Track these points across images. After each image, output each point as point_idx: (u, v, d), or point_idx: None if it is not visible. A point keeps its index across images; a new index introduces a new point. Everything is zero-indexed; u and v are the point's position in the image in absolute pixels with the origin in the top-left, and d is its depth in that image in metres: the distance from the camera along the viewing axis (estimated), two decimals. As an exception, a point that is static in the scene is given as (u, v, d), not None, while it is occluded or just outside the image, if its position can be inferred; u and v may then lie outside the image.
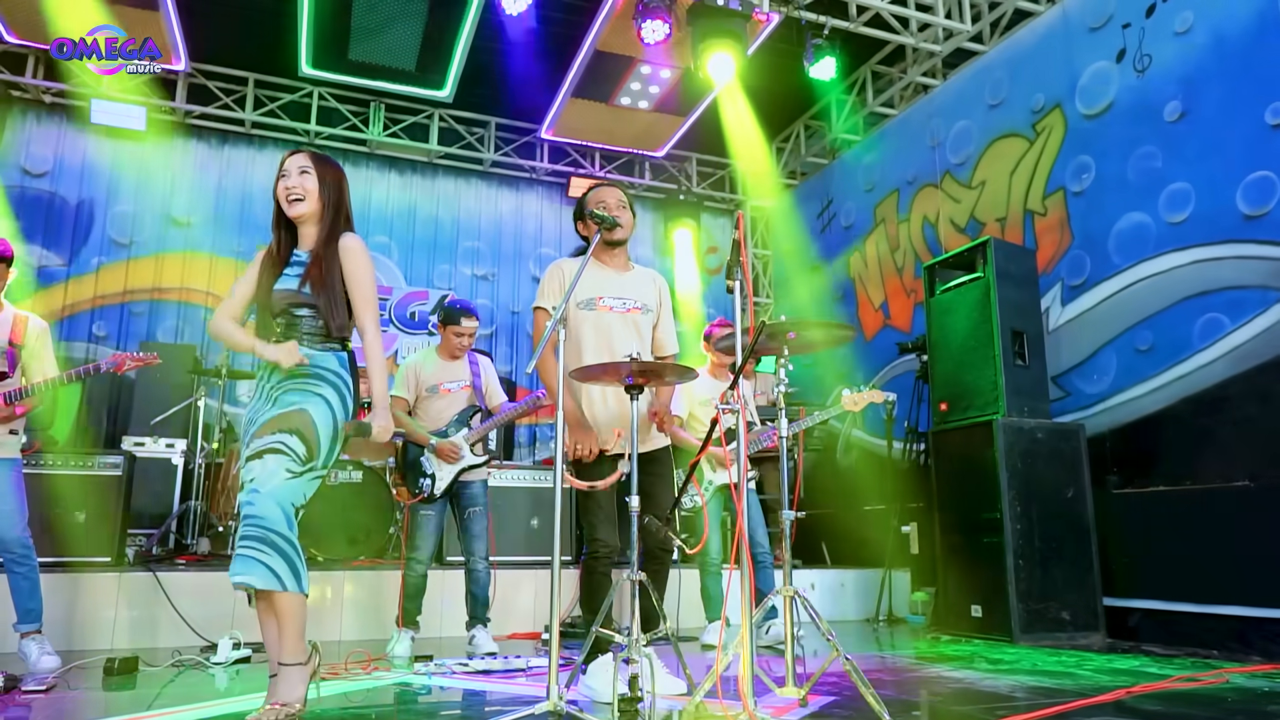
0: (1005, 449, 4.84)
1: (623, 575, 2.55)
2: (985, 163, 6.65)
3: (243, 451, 2.56)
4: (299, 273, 2.62)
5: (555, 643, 2.36)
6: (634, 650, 2.41)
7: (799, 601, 2.56)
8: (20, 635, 3.67)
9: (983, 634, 4.81)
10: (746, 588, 2.31)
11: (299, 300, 2.60)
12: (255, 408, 2.61)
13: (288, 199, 2.62)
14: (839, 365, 8.24)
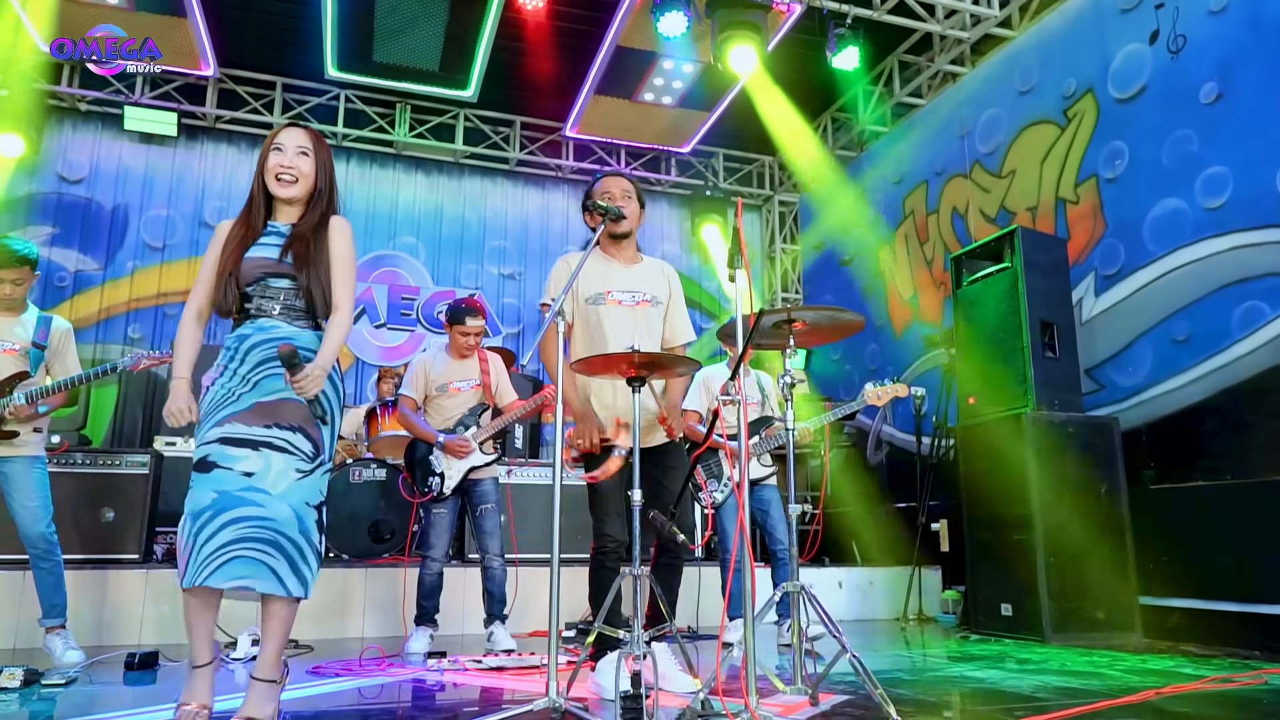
0: (1035, 443, 4.71)
1: (625, 571, 2.50)
2: (1015, 151, 6.49)
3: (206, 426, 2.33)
4: (278, 243, 2.46)
5: (554, 640, 2.33)
6: (637, 647, 2.36)
7: (805, 598, 2.49)
8: (45, 630, 3.73)
9: (1013, 633, 4.69)
10: (748, 584, 2.25)
11: (279, 270, 2.44)
12: (230, 385, 2.37)
13: (278, 177, 2.45)
14: (868, 361, 8.13)
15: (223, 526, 2.22)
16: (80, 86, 7.71)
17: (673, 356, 2.49)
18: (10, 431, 3.65)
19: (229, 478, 2.26)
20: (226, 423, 2.31)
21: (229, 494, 2.24)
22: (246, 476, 2.27)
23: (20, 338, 3.79)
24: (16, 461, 3.67)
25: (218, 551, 2.20)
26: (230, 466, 2.27)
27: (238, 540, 2.22)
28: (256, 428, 2.32)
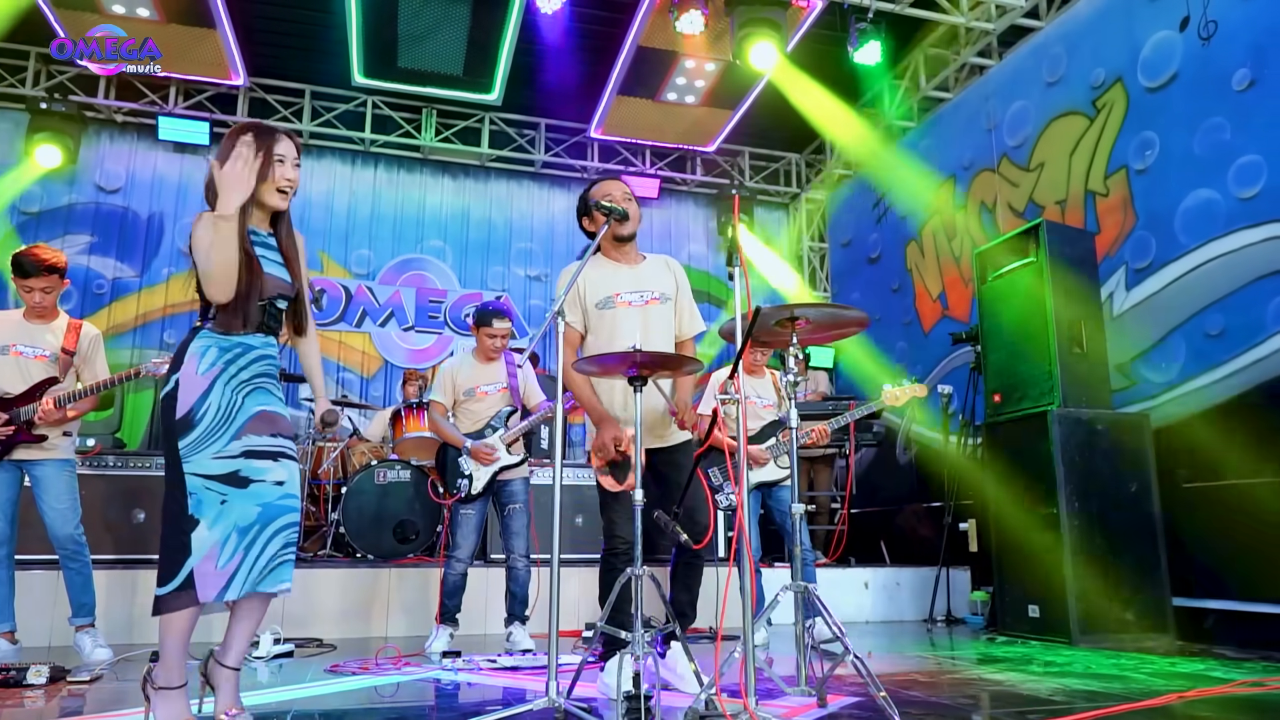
0: (1061, 441, 4.61)
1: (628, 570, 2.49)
2: (1044, 143, 6.36)
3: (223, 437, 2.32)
4: (279, 260, 2.49)
5: (554, 639, 2.33)
6: (638, 647, 2.35)
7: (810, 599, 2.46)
8: (75, 628, 3.83)
9: (1041, 635, 4.59)
10: (747, 586, 2.23)
11: (286, 291, 2.50)
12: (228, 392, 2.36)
13: (280, 190, 2.43)
14: (896, 359, 8.04)
15: (273, 536, 2.34)
16: (116, 99, 7.90)
17: (676, 356, 2.47)
18: (39, 435, 3.75)
19: (265, 489, 2.34)
20: (243, 435, 2.35)
21: (271, 505, 2.34)
22: (279, 485, 2.37)
23: (51, 344, 3.89)
24: (47, 465, 3.77)
25: (271, 561, 2.33)
26: (263, 479, 2.35)
27: (286, 546, 2.37)
28: (265, 437, 2.38)
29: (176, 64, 7.48)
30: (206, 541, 2.25)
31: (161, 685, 2.29)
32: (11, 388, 3.77)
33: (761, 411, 4.75)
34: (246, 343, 2.41)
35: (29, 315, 3.91)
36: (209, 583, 2.23)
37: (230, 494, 2.30)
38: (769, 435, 4.69)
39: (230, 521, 2.28)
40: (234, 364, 2.38)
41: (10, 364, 3.81)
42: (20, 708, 2.82)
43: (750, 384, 4.78)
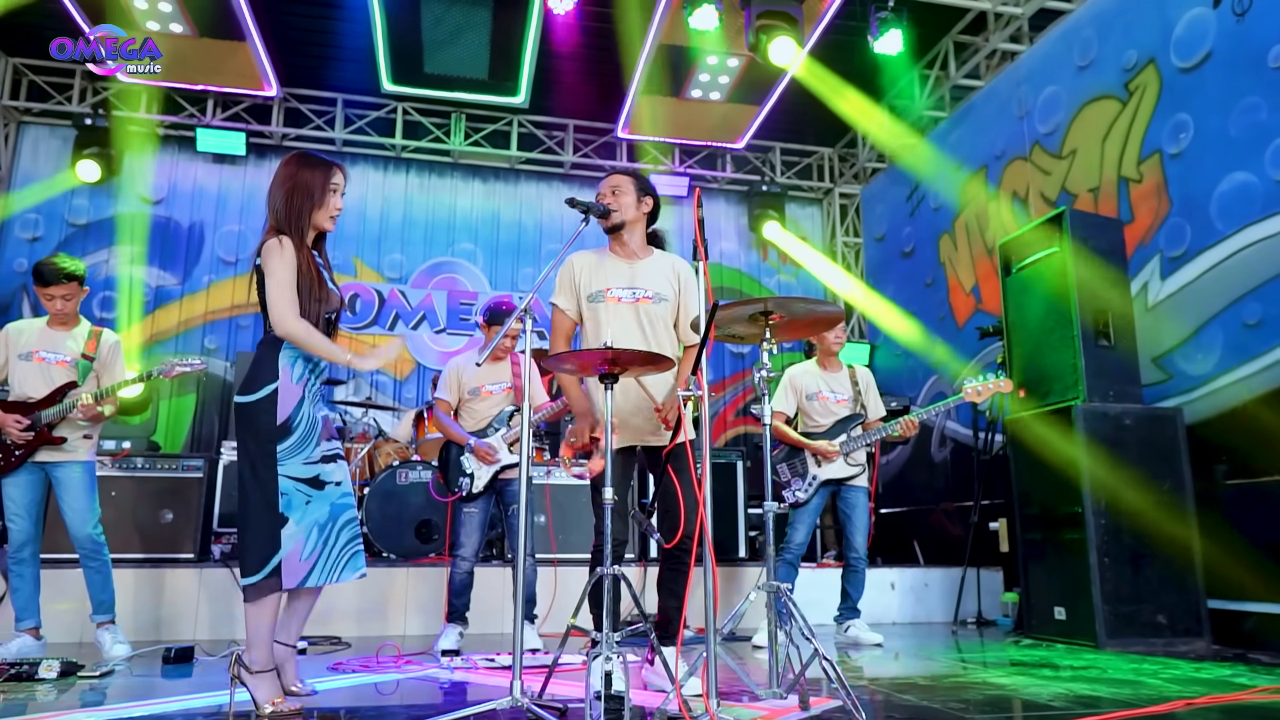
0: (1086, 437, 4.45)
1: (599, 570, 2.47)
2: (1076, 130, 6.15)
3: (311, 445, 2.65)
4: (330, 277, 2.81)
5: (519, 638, 2.32)
6: (607, 647, 2.33)
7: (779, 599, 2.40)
8: (96, 625, 3.95)
9: (1067, 638, 4.44)
10: (709, 582, 2.19)
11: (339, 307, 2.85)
12: (311, 407, 2.70)
13: (332, 217, 2.78)
14: (931, 355, 7.85)
15: (340, 531, 2.67)
16: (158, 113, 8.16)
17: (648, 354, 2.44)
18: (59, 437, 3.88)
19: (331, 490, 2.68)
20: (323, 441, 2.70)
21: (335, 504, 2.68)
22: (338, 485, 2.70)
23: (72, 350, 4.02)
24: (67, 466, 3.90)
25: (343, 551, 2.67)
26: (331, 480, 2.68)
27: (354, 539, 2.71)
28: (327, 443, 2.72)
29: (212, 77, 7.70)
30: (294, 537, 2.56)
31: (257, 669, 2.56)
32: (35, 392, 3.92)
33: (834, 407, 4.72)
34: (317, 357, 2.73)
35: (52, 323, 4.04)
36: (294, 572, 2.56)
37: (313, 495, 2.63)
38: (839, 432, 4.65)
39: (311, 519, 2.61)
40: (314, 374, 2.74)
41: (34, 369, 3.95)
42: (29, 700, 2.91)
43: (824, 378, 4.76)
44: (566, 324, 3.21)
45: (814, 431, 4.71)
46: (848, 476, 4.66)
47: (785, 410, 4.75)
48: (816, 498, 4.65)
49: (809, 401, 4.73)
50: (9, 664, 3.24)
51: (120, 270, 7.97)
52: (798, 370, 4.84)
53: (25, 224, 7.86)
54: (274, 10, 6.93)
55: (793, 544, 4.61)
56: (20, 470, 3.84)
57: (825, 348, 4.82)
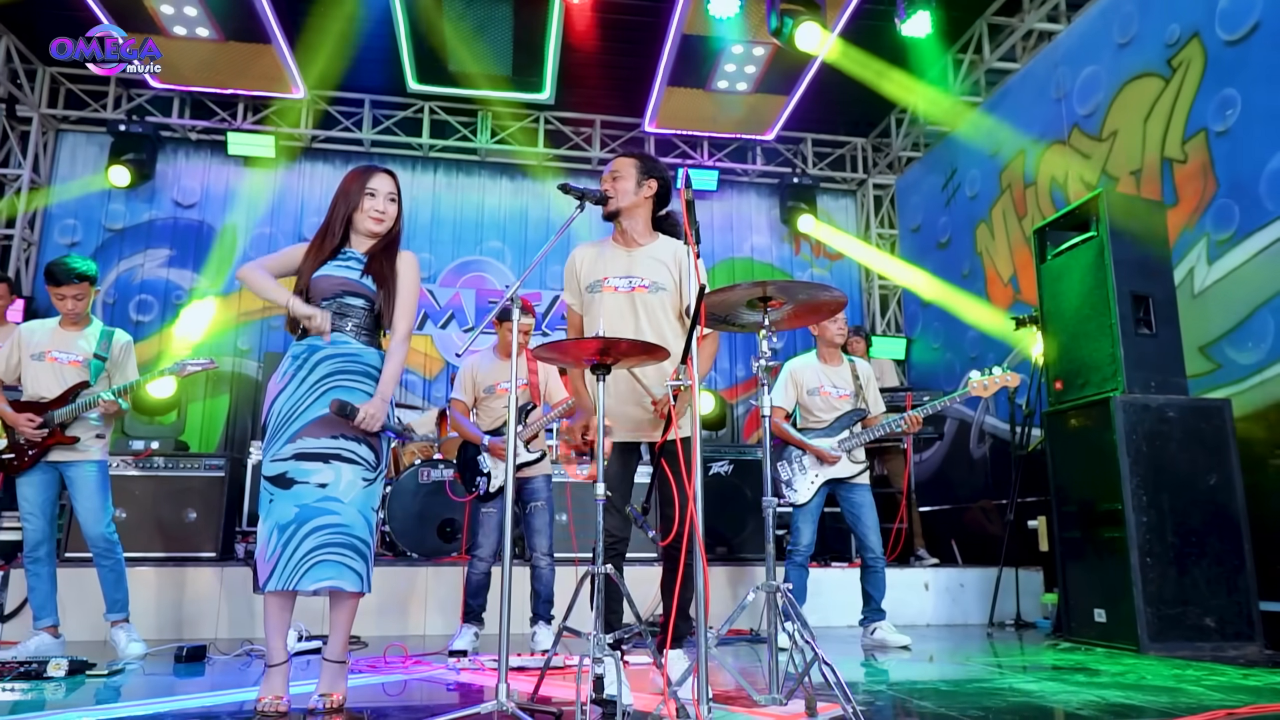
0: (1125, 430, 4.23)
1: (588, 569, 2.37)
2: (1116, 110, 5.88)
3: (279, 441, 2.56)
4: (358, 267, 2.76)
5: (504, 640, 2.23)
6: (597, 650, 2.23)
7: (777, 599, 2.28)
8: (110, 624, 3.96)
9: (1108, 641, 4.23)
10: (699, 582, 2.07)
11: (358, 290, 2.73)
12: (297, 395, 2.62)
13: (373, 218, 2.77)
14: (969, 348, 7.62)
15: (306, 536, 2.52)
16: (190, 118, 8.27)
17: (640, 344, 2.33)
18: (71, 437, 3.89)
19: (306, 491, 2.55)
20: (298, 438, 2.59)
21: (308, 506, 2.53)
22: (321, 488, 2.56)
23: (84, 350, 4.03)
24: (80, 465, 3.91)
25: (305, 558, 2.51)
26: (307, 480, 2.55)
27: (320, 546, 2.53)
28: (324, 439, 2.59)
29: (240, 80, 7.78)
30: (260, 536, 2.55)
31: (269, 663, 2.57)
32: (48, 392, 3.93)
33: (837, 402, 4.56)
34: (312, 344, 2.68)
35: (64, 323, 4.05)
36: (261, 572, 2.52)
37: (276, 494, 2.55)
38: (841, 427, 4.49)
39: (273, 519, 2.53)
40: (303, 368, 2.65)
41: (47, 369, 3.97)
42: (34, 698, 2.91)
43: (825, 372, 4.61)
44: (575, 319, 3.13)
45: (815, 428, 4.55)
46: (850, 475, 4.49)
47: (784, 405, 4.58)
48: (818, 497, 4.49)
49: (810, 396, 4.57)
50: (19, 662, 3.25)
51: (155, 273, 8.10)
52: (798, 364, 4.68)
53: (64, 229, 8.02)
54: (297, 12, 6.96)
55: (799, 545, 4.45)
56: (34, 470, 3.87)
57: (827, 339, 4.65)
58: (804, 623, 2.26)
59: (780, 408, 4.56)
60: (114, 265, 8.05)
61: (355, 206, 2.78)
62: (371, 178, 2.82)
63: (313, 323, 2.65)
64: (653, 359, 2.43)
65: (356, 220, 2.79)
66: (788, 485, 4.48)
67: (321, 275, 2.72)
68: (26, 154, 7.84)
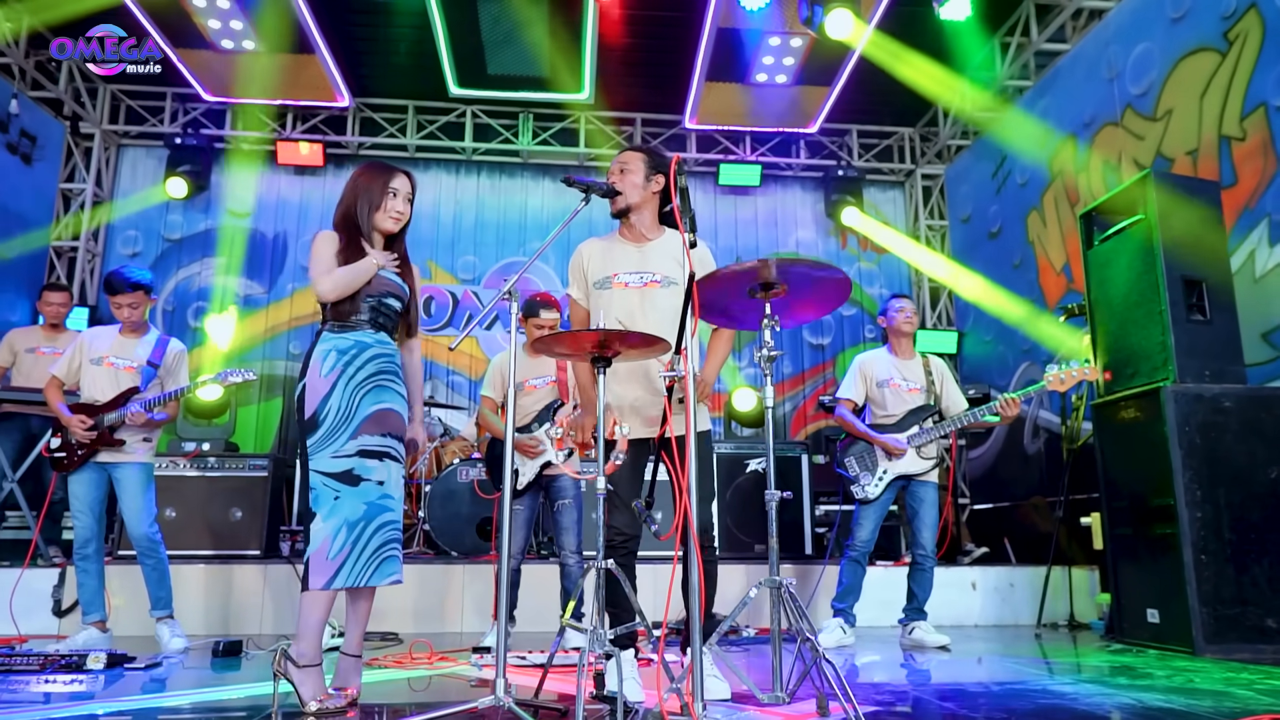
0: (1177, 421, 4.04)
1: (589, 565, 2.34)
2: (1170, 88, 5.62)
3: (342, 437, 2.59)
4: (395, 269, 2.82)
5: (502, 637, 2.22)
6: (595, 644, 2.20)
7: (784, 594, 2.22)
8: (155, 619, 4.09)
9: (1161, 643, 4.04)
10: (694, 578, 2.03)
11: (399, 293, 2.82)
12: (349, 391, 2.63)
13: (393, 218, 2.82)
14: (1021, 340, 7.37)
15: (375, 532, 2.60)
16: (243, 129, 8.52)
17: (644, 336, 2.29)
18: (119, 440, 4.03)
19: (370, 489, 2.62)
20: (359, 435, 2.63)
21: (374, 504, 2.62)
22: (380, 485, 2.63)
23: (139, 356, 4.18)
24: (125, 467, 4.05)
25: (374, 555, 2.58)
26: (369, 478, 2.62)
27: (387, 543, 2.63)
28: (376, 437, 2.65)
29: (287, 91, 7.97)
30: (320, 534, 2.53)
31: (304, 663, 2.54)
32: (102, 395, 4.09)
33: (907, 395, 4.46)
34: (361, 340, 2.70)
35: (124, 331, 4.21)
36: (321, 570, 2.51)
37: (343, 491, 2.58)
38: (911, 423, 4.40)
39: (341, 516, 2.55)
40: (352, 364, 2.67)
41: (104, 374, 4.12)
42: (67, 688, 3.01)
43: (897, 366, 4.53)
44: (580, 314, 3.12)
45: (884, 423, 4.45)
46: (919, 472, 4.38)
47: (854, 398, 4.50)
48: (886, 494, 4.40)
49: (879, 389, 4.48)
50: (60, 654, 3.37)
51: (211, 280, 8.35)
52: (868, 356, 4.60)
53: (126, 240, 8.33)
54: (339, 22, 7.10)
55: (858, 540, 4.37)
56: (84, 469, 4.01)
57: (896, 329, 4.55)
58: (808, 620, 2.19)
59: (849, 400, 4.49)
60: (172, 274, 8.33)
61: (377, 205, 2.81)
62: (393, 178, 2.85)
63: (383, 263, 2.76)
64: (654, 351, 2.39)
65: (376, 219, 2.82)
66: (854, 482, 4.40)
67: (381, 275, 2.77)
68: (90, 169, 8.17)
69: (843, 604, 4.39)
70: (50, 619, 4.74)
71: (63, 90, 7.77)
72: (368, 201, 2.81)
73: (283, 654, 2.51)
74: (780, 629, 2.28)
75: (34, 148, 7.50)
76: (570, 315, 3.21)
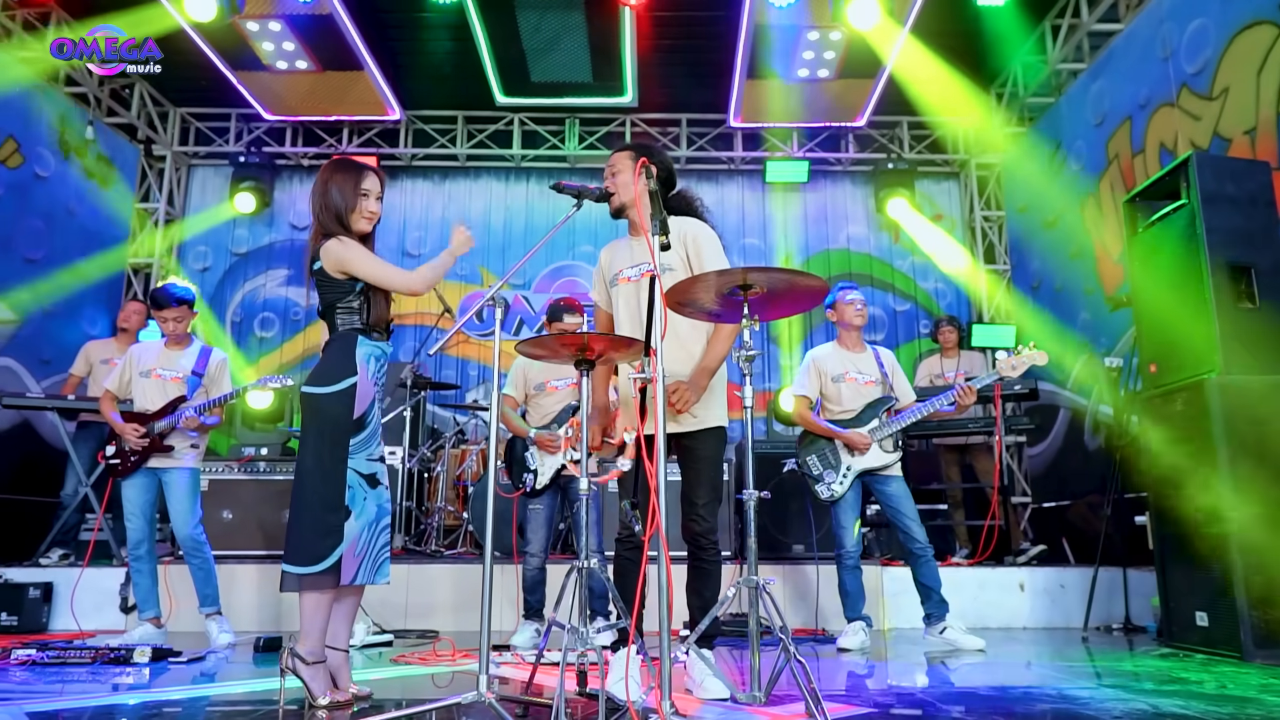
0: (1224, 415, 3.86)
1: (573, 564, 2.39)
2: (1227, 65, 5.35)
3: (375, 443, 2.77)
4: None
5: (485, 635, 2.28)
6: (582, 643, 2.24)
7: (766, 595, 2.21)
8: (205, 616, 4.30)
9: (1209, 648, 3.86)
10: (663, 579, 2.05)
11: None
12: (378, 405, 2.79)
13: (366, 218, 2.88)
14: (1080, 332, 7.11)
15: (382, 532, 2.74)
16: (302, 145, 8.86)
17: (620, 339, 2.32)
18: (168, 446, 4.26)
19: (382, 491, 2.77)
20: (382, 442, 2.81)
21: (382, 506, 2.75)
22: (386, 489, 2.79)
23: (184, 367, 4.42)
24: (174, 472, 4.28)
25: (379, 554, 2.72)
26: (384, 482, 2.78)
27: (386, 544, 2.78)
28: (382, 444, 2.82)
29: (341, 107, 8.25)
30: (353, 531, 2.63)
31: (313, 660, 2.62)
32: (152, 405, 4.33)
33: (864, 389, 4.37)
34: (384, 348, 2.85)
35: (169, 343, 4.45)
36: (349, 567, 2.62)
37: (369, 493, 2.71)
38: (870, 416, 4.32)
39: (367, 516, 2.69)
40: (381, 371, 2.82)
41: (152, 385, 4.37)
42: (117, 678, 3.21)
43: (848, 359, 4.43)
44: (602, 317, 3.20)
45: (841, 419, 4.35)
46: (882, 466, 4.27)
47: (808, 394, 4.39)
48: (852, 492, 4.29)
49: (835, 384, 4.37)
50: (110, 648, 3.59)
51: (276, 292, 8.71)
52: (819, 351, 4.50)
53: (196, 255, 8.76)
54: (384, 38, 7.32)
55: (845, 547, 4.27)
56: (136, 474, 4.26)
57: (847, 322, 4.44)
58: (782, 620, 2.18)
59: (804, 396, 4.38)
60: (240, 286, 8.72)
61: (351, 206, 2.83)
62: (364, 178, 2.87)
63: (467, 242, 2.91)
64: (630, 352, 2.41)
65: (351, 220, 2.84)
66: (818, 481, 4.31)
67: None
68: (162, 189, 8.62)
69: (855, 612, 4.31)
70: (118, 615, 5.02)
71: (135, 115, 8.22)
72: (343, 200, 2.82)
73: (290, 651, 2.60)
74: (758, 629, 2.27)
75: (110, 171, 7.96)
76: (594, 319, 3.29)
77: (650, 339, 2.19)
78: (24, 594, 4.86)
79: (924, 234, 8.77)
